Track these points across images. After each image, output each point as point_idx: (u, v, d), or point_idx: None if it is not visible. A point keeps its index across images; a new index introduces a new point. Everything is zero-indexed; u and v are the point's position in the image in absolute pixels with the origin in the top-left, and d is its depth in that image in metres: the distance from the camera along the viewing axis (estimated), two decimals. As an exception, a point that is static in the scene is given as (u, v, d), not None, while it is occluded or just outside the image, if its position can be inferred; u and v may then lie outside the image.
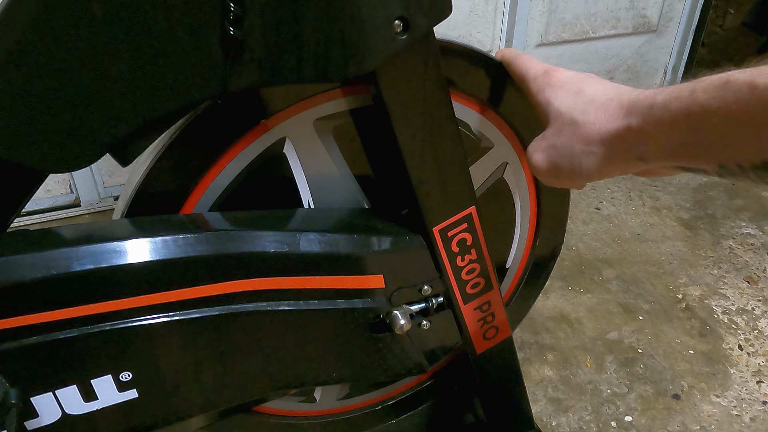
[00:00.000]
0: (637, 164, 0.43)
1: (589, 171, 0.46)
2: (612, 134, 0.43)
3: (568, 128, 0.47)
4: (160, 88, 0.46)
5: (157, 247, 0.52)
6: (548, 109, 0.50)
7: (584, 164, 0.46)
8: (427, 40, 0.51)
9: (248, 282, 0.56)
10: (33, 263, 0.47)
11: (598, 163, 0.45)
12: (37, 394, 0.51)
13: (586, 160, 0.45)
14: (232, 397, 0.61)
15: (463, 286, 0.67)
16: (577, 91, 0.48)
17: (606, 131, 0.43)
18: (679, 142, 0.38)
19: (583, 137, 0.45)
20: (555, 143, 0.48)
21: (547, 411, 1.02)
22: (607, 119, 0.43)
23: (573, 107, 0.47)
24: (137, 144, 0.49)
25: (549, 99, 0.50)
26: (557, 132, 0.48)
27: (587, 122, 0.45)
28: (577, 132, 0.46)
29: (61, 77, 0.44)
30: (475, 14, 1.75)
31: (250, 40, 0.45)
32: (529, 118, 0.69)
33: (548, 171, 0.49)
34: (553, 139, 0.48)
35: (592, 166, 0.45)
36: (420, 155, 0.57)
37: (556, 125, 0.48)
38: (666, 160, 0.40)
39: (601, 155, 0.44)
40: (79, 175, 1.49)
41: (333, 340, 0.62)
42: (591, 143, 0.45)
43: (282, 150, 0.60)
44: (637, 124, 0.41)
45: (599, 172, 0.45)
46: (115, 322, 0.52)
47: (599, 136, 0.44)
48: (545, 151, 0.49)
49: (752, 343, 1.17)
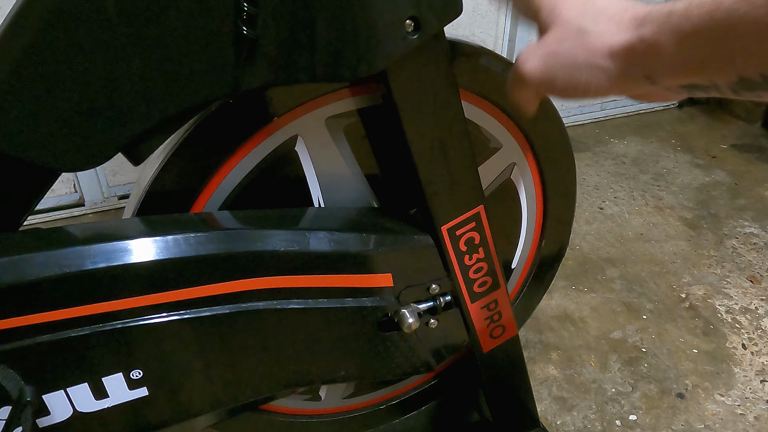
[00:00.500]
0: (642, 84, 0.40)
1: (588, 85, 0.42)
2: (622, 47, 0.40)
3: (574, 36, 0.42)
4: (173, 87, 0.46)
5: (168, 246, 0.52)
6: (553, 14, 0.45)
7: (585, 77, 0.42)
8: (437, 40, 0.51)
9: (258, 281, 0.56)
10: (46, 261, 0.48)
11: (601, 77, 0.41)
12: (49, 392, 0.51)
13: (587, 73, 0.42)
14: (241, 395, 0.62)
15: (471, 285, 0.67)
16: None
17: (616, 43, 0.40)
18: (697, 54, 0.35)
19: (590, 48, 0.41)
20: (556, 50, 0.44)
21: (551, 410, 1.02)
22: (618, 30, 0.40)
23: (582, 14, 0.43)
24: (149, 143, 0.50)
25: (555, 4, 0.45)
26: (560, 39, 0.44)
27: (597, 32, 0.41)
28: (583, 41, 0.42)
29: (75, 77, 0.44)
30: (479, 14, 1.75)
31: (263, 40, 0.45)
32: (537, 120, 0.70)
33: (541, 80, 0.45)
34: (554, 46, 0.44)
35: (594, 80, 0.42)
36: (429, 154, 0.57)
37: (559, 32, 0.44)
38: (678, 75, 0.37)
39: (605, 70, 0.41)
40: (84, 174, 1.50)
41: (341, 338, 0.62)
42: (597, 55, 0.41)
43: (294, 148, 0.60)
44: (651, 35, 0.38)
45: (598, 89, 0.42)
46: (126, 320, 0.52)
47: (608, 48, 0.40)
48: (543, 58, 0.44)
49: (756, 342, 1.17)
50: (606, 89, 0.42)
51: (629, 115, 2.21)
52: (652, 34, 0.38)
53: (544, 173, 0.76)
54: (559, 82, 0.44)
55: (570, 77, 0.43)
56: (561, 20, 0.44)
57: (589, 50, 0.42)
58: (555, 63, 0.44)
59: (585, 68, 0.42)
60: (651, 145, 1.99)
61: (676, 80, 0.38)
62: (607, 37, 0.41)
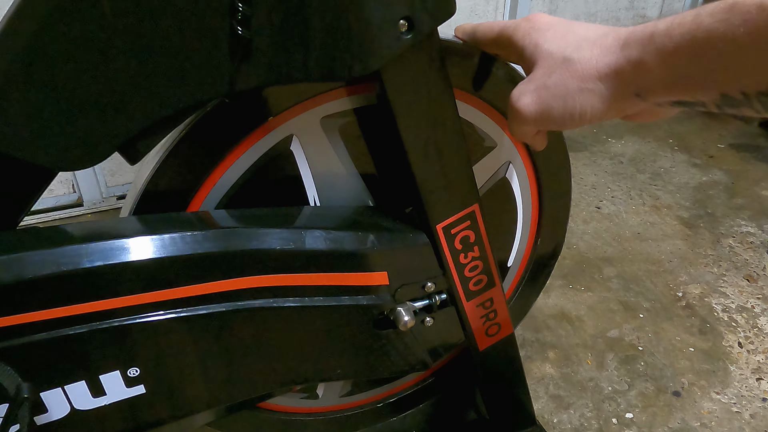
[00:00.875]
0: (635, 102, 0.41)
1: (583, 110, 0.43)
2: (610, 68, 0.41)
3: (561, 67, 0.44)
4: (169, 86, 0.47)
5: (164, 245, 0.52)
6: (536, 51, 0.46)
7: (579, 103, 0.43)
8: (431, 40, 0.52)
9: (254, 279, 0.57)
10: (44, 260, 0.48)
11: (593, 101, 0.42)
12: (46, 390, 0.52)
13: (581, 98, 0.43)
14: (237, 393, 0.62)
15: (466, 283, 0.68)
16: (567, 30, 0.45)
17: (603, 65, 0.41)
18: (680, 72, 0.36)
19: (579, 74, 0.43)
20: (546, 83, 0.45)
21: (548, 408, 1.03)
22: (603, 53, 0.41)
23: (565, 45, 0.44)
24: (146, 142, 0.50)
25: (537, 41, 0.46)
26: (548, 72, 0.45)
27: (582, 58, 0.42)
28: (570, 69, 0.43)
29: (71, 76, 0.44)
30: (476, 14, 1.76)
31: (257, 40, 0.45)
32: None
33: (537, 114, 0.46)
34: (543, 80, 0.45)
35: (588, 105, 0.43)
36: (424, 153, 0.58)
37: (546, 66, 0.45)
38: (665, 93, 0.38)
39: (597, 92, 0.42)
40: (82, 174, 1.50)
41: (337, 336, 0.63)
42: (587, 80, 0.42)
43: (289, 147, 0.60)
44: (637, 56, 0.39)
45: (594, 112, 0.43)
46: (123, 318, 0.52)
47: (596, 71, 0.42)
48: (534, 92, 0.46)
49: (752, 341, 1.18)
50: (601, 112, 0.43)
51: (627, 114, 2.22)
52: (638, 54, 0.39)
53: (539, 172, 0.77)
54: (554, 113, 0.45)
55: (564, 106, 0.44)
56: (545, 54, 0.46)
57: (578, 77, 0.43)
58: (548, 95, 0.45)
59: (577, 94, 0.43)
60: (648, 144, 2.00)
61: (664, 97, 0.39)
62: (593, 62, 0.42)
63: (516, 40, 0.49)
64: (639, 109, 0.44)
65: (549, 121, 0.46)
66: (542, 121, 0.46)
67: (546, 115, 0.45)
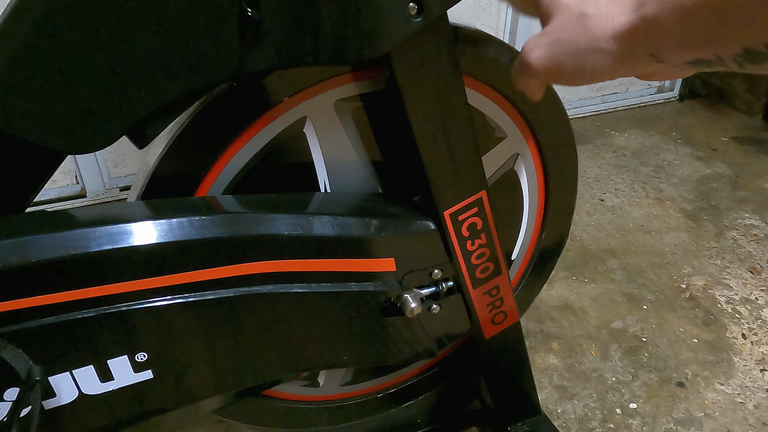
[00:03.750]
0: (649, 62, 0.40)
1: (594, 69, 0.42)
2: (625, 28, 0.40)
3: (576, 22, 0.43)
4: (178, 69, 0.46)
5: (172, 229, 0.52)
6: (553, 2, 0.45)
7: (591, 61, 0.42)
8: (440, 24, 0.52)
9: (261, 264, 0.57)
10: (53, 243, 0.48)
11: (605, 60, 0.41)
12: (55, 374, 0.52)
13: (593, 56, 0.42)
14: (244, 380, 0.62)
15: (473, 271, 0.68)
16: None
17: (619, 24, 0.40)
18: (701, 28, 0.35)
19: (593, 31, 0.42)
20: (559, 38, 0.44)
21: (552, 398, 1.03)
22: (620, 11, 0.40)
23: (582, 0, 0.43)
24: (154, 126, 0.50)
25: None
26: (562, 26, 0.44)
27: (599, 15, 0.41)
28: (586, 25, 0.42)
29: (81, 60, 0.44)
30: (480, 6, 1.75)
31: (267, 22, 0.45)
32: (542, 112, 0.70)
33: (548, 68, 0.45)
34: (556, 34, 0.44)
35: (599, 63, 0.42)
36: (432, 139, 0.57)
37: (561, 19, 0.44)
38: (683, 51, 0.37)
39: (610, 52, 0.41)
40: (85, 165, 1.50)
41: (345, 322, 0.63)
42: (601, 38, 0.41)
43: (302, 129, 0.60)
44: (654, 14, 0.38)
45: (604, 71, 0.42)
46: (130, 302, 0.52)
47: (611, 30, 0.41)
48: (547, 47, 0.45)
49: (756, 332, 1.18)
50: (612, 71, 0.42)
51: (630, 107, 2.21)
52: (654, 12, 0.38)
53: (546, 165, 0.76)
54: (565, 69, 0.44)
55: (575, 63, 0.43)
56: (562, 7, 0.45)
57: (592, 34, 0.42)
58: (559, 50, 0.44)
59: (590, 52, 0.42)
60: (652, 137, 1.99)
61: (681, 57, 0.38)
62: (609, 20, 0.41)
63: None
64: (653, 70, 0.43)
65: (558, 76, 0.45)
66: (552, 76, 0.45)
67: (556, 70, 0.45)
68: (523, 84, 0.49)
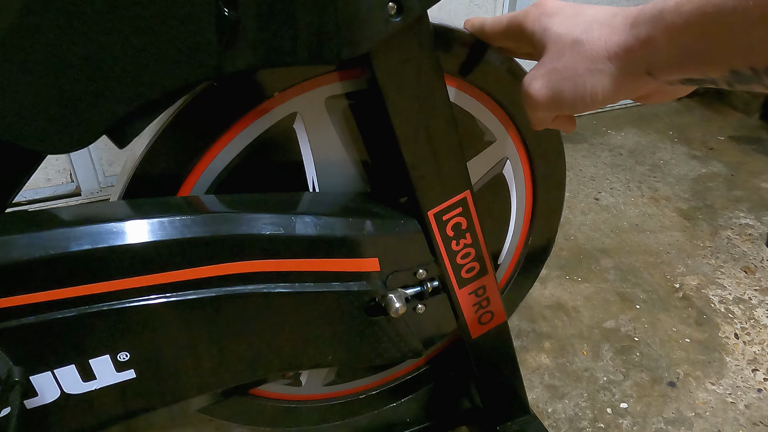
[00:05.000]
0: (646, 81, 0.41)
1: (594, 91, 0.43)
2: (620, 47, 0.41)
3: (570, 49, 0.44)
4: (155, 69, 0.46)
5: (153, 229, 0.52)
6: (545, 36, 0.46)
7: (590, 84, 0.43)
8: (420, 23, 0.51)
9: (243, 264, 0.57)
10: (32, 243, 0.48)
11: (604, 81, 0.42)
12: (36, 373, 0.52)
13: (592, 79, 0.43)
14: (228, 379, 0.62)
15: (458, 271, 0.68)
16: (576, 13, 0.45)
17: (613, 44, 0.41)
18: (690, 48, 0.36)
19: (588, 55, 0.42)
20: (556, 66, 0.45)
21: (543, 397, 1.03)
22: (612, 33, 0.41)
23: (574, 28, 0.44)
24: (134, 125, 0.50)
25: (545, 26, 0.47)
26: (557, 56, 0.45)
27: (591, 39, 0.42)
28: (580, 51, 0.43)
29: (57, 59, 0.44)
30: (476, 4, 1.75)
31: (244, 21, 0.45)
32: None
33: (549, 98, 0.46)
34: (553, 64, 0.45)
35: (598, 85, 0.43)
36: (414, 138, 0.57)
37: (555, 50, 0.45)
38: (675, 70, 0.38)
39: (608, 72, 0.42)
40: (80, 164, 1.50)
41: (329, 322, 0.63)
42: (597, 60, 0.42)
43: (292, 126, 0.60)
44: (646, 33, 0.39)
45: (605, 93, 0.43)
46: (112, 302, 0.52)
47: (605, 51, 0.41)
48: (545, 76, 0.46)
49: (748, 332, 1.18)
50: (612, 92, 0.43)
51: (627, 106, 2.21)
52: (647, 32, 0.39)
53: (535, 170, 0.76)
54: (566, 96, 0.45)
55: (575, 88, 0.44)
56: (554, 38, 0.46)
57: (588, 57, 0.43)
58: (558, 78, 0.45)
59: (587, 76, 0.43)
60: (648, 136, 1.99)
61: (674, 75, 0.39)
62: (602, 42, 0.42)
63: (526, 26, 0.49)
64: (650, 89, 0.43)
65: (561, 104, 0.45)
66: (554, 105, 0.46)
67: (557, 98, 0.45)
68: (536, 120, 0.50)
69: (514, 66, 0.64)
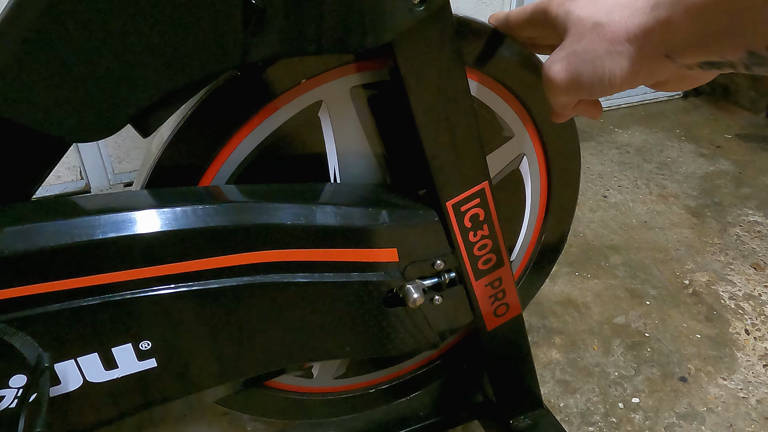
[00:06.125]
0: (664, 63, 0.41)
1: (613, 74, 0.43)
2: (639, 29, 0.41)
3: (591, 32, 0.44)
4: (182, 58, 0.47)
5: (176, 218, 0.53)
6: (567, 18, 0.47)
7: (609, 67, 0.43)
8: (443, 13, 0.52)
9: (263, 254, 0.57)
10: (59, 230, 0.48)
11: (623, 63, 0.43)
12: (59, 361, 0.52)
13: (610, 61, 0.43)
14: (247, 370, 0.62)
15: (475, 262, 0.68)
16: None
17: (633, 26, 0.41)
18: (708, 29, 0.37)
19: (608, 37, 0.43)
20: (576, 49, 0.45)
21: (555, 392, 1.03)
22: (633, 14, 0.41)
23: (596, 11, 0.44)
24: (158, 114, 0.50)
25: (568, 9, 0.47)
26: (578, 39, 0.45)
27: (612, 21, 0.43)
28: (600, 33, 0.43)
29: (86, 47, 0.44)
30: (483, 2, 1.75)
31: (270, 9, 0.45)
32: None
33: (568, 80, 0.46)
34: (573, 46, 0.46)
35: (617, 68, 0.43)
36: (435, 128, 0.58)
37: (576, 32, 0.46)
38: (694, 52, 0.39)
39: (626, 54, 0.42)
40: (89, 161, 1.51)
41: (348, 313, 0.63)
42: (616, 42, 0.42)
43: (317, 114, 0.60)
44: (666, 15, 0.39)
45: (624, 75, 0.43)
46: (134, 291, 0.53)
47: (625, 33, 0.42)
48: (564, 59, 0.46)
49: (759, 328, 1.18)
50: (631, 74, 0.43)
51: (634, 105, 2.21)
52: (667, 13, 0.39)
53: (551, 167, 0.76)
54: (584, 78, 0.45)
55: (594, 70, 0.44)
56: (576, 21, 0.46)
57: (607, 40, 0.43)
58: (577, 60, 0.45)
59: (607, 58, 0.43)
60: (655, 134, 1.99)
61: (693, 58, 0.40)
62: (623, 24, 0.42)
63: (550, 12, 0.49)
64: (668, 74, 0.43)
65: (580, 87, 0.46)
66: (573, 88, 0.46)
67: (576, 81, 0.46)
68: (557, 105, 0.51)
69: (534, 61, 0.64)
